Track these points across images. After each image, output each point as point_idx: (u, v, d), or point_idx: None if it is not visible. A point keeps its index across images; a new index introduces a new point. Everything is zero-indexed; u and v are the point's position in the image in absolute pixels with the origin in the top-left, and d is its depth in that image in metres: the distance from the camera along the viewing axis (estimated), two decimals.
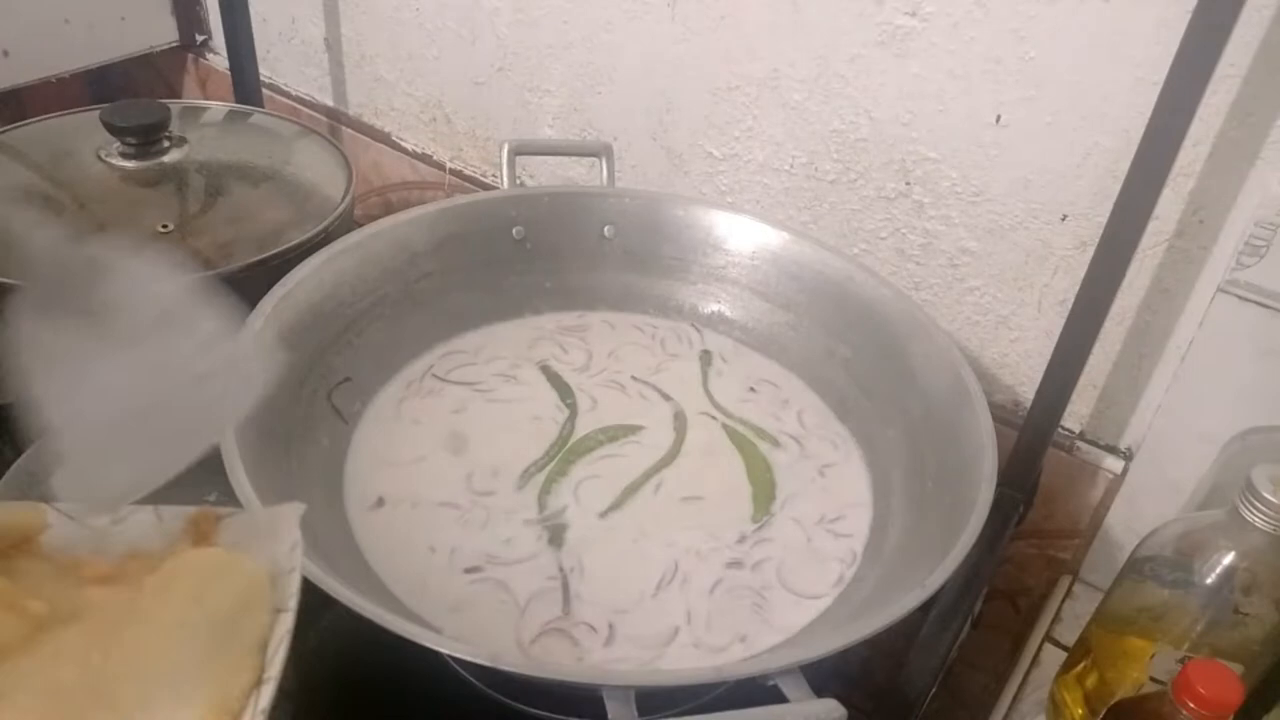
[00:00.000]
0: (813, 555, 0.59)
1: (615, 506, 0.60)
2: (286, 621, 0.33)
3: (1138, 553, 0.57)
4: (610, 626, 0.53)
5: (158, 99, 0.81)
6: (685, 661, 0.52)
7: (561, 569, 0.56)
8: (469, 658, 0.43)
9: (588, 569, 0.56)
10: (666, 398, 0.69)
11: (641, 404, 0.68)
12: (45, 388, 0.32)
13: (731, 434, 0.67)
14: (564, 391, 0.68)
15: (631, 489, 0.61)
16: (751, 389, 0.71)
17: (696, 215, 0.74)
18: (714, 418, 0.68)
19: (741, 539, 0.59)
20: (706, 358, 0.73)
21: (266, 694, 0.31)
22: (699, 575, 0.57)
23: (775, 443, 0.67)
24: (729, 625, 0.54)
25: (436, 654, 0.43)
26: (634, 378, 0.70)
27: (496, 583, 0.55)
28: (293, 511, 0.37)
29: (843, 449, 0.67)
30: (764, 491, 0.63)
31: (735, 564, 0.58)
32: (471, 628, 0.52)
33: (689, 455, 0.65)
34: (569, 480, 0.61)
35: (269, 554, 0.36)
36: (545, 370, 0.70)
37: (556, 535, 0.58)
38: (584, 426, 0.66)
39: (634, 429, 0.66)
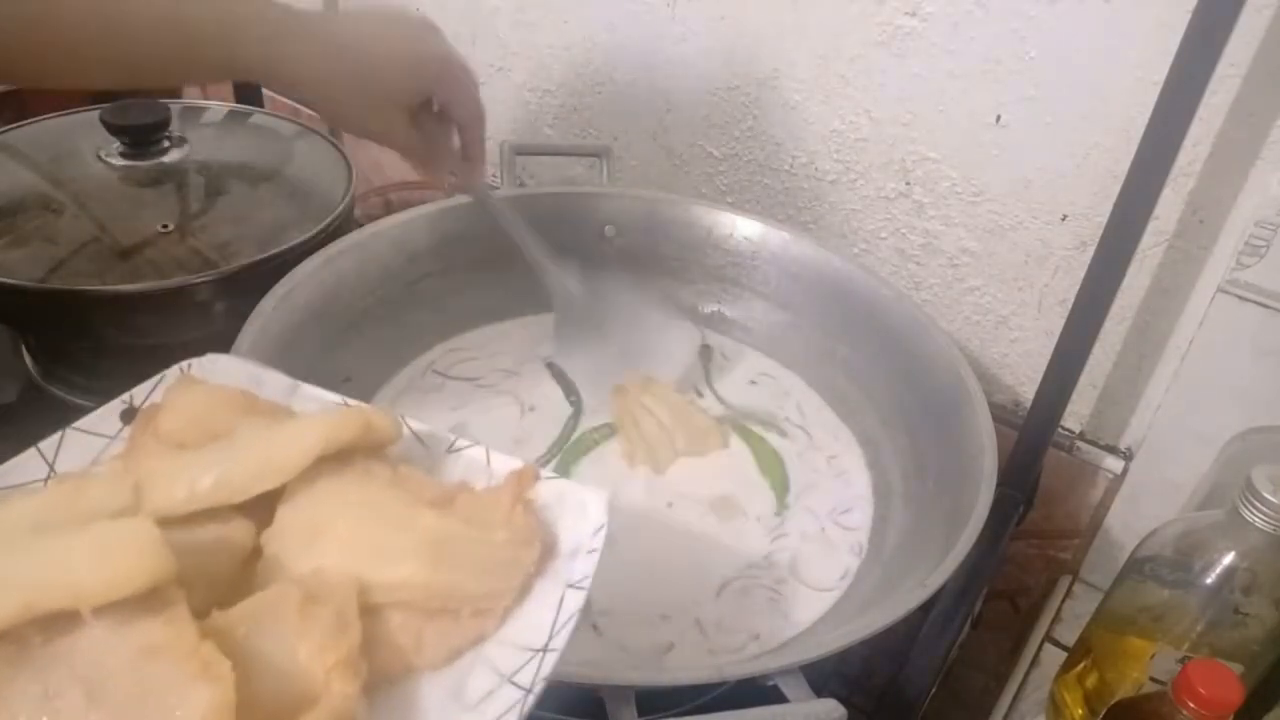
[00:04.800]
0: (826, 547, 0.60)
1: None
2: (578, 600, 0.35)
3: (1138, 553, 0.57)
4: (614, 627, 0.53)
5: (158, 99, 0.81)
6: (696, 659, 0.52)
7: None
8: None
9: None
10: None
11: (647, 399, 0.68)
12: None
13: (736, 426, 0.67)
14: (568, 389, 0.68)
15: (632, 479, 0.62)
16: (751, 382, 0.71)
17: (696, 215, 0.74)
18: (719, 413, 0.68)
19: (761, 532, 0.60)
20: (707, 353, 0.73)
21: (550, 661, 0.33)
22: (711, 570, 0.57)
23: (782, 433, 0.67)
24: (743, 620, 0.54)
25: None
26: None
27: None
28: (603, 496, 0.39)
29: (843, 447, 0.67)
30: (779, 483, 0.63)
31: (754, 558, 0.58)
32: None
33: (696, 450, 0.65)
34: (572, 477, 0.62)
35: (573, 529, 0.38)
36: (551, 367, 0.70)
37: None
38: (588, 424, 0.66)
39: (666, 433, 0.66)
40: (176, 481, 0.35)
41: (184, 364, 0.43)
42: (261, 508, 0.36)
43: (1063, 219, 0.66)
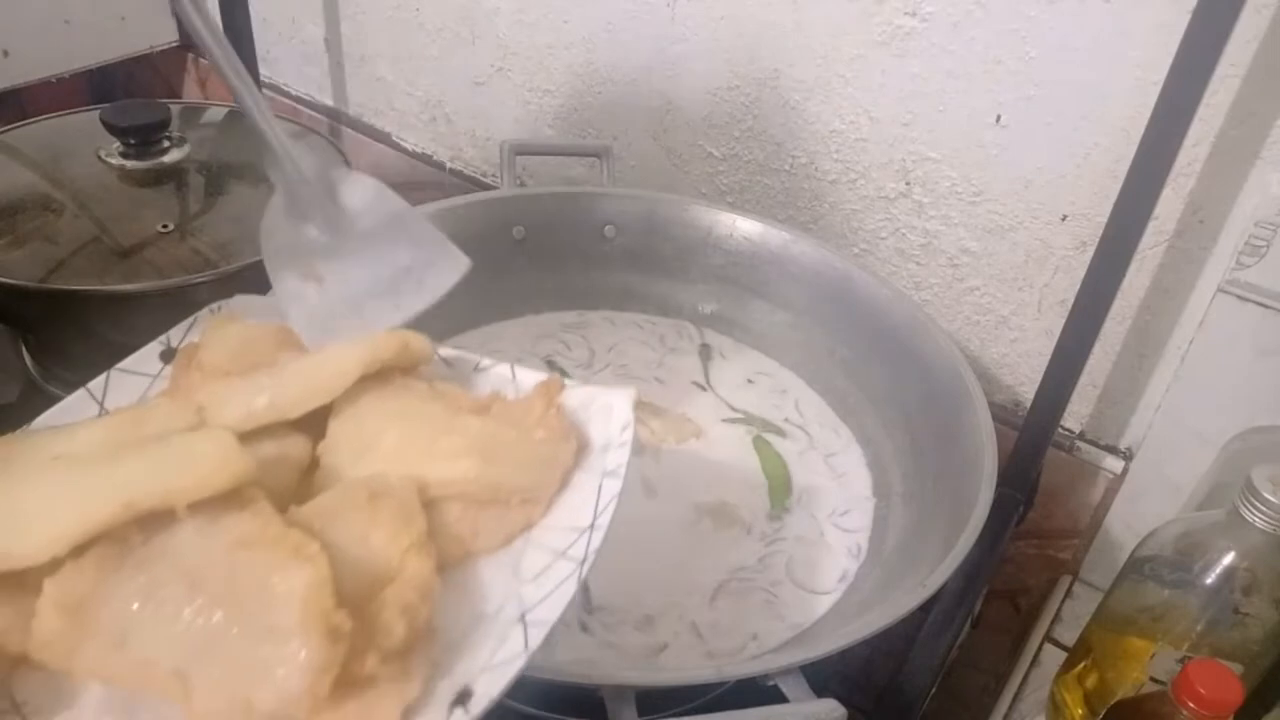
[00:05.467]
0: (824, 550, 0.60)
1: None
2: (616, 485, 0.38)
3: (1138, 553, 0.57)
4: (606, 627, 0.53)
5: (158, 99, 0.81)
6: (691, 660, 0.52)
7: None
8: None
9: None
10: (671, 391, 0.69)
11: (647, 397, 0.68)
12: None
13: (736, 424, 0.67)
14: None
15: (635, 478, 0.62)
16: (750, 381, 0.71)
17: (696, 215, 0.74)
18: (719, 411, 0.68)
19: (759, 534, 0.60)
20: (706, 351, 0.74)
21: (598, 537, 0.37)
22: (707, 572, 0.57)
23: (782, 434, 0.67)
24: (740, 623, 0.54)
25: None
26: (638, 374, 0.71)
27: None
28: (627, 395, 0.42)
29: (843, 446, 0.67)
30: (781, 486, 0.63)
31: (750, 560, 0.58)
32: None
33: (696, 449, 0.65)
34: None
35: (602, 428, 0.41)
36: (551, 365, 0.70)
37: None
38: None
39: (640, 423, 0.66)
40: (233, 402, 0.38)
41: (214, 305, 0.46)
42: (313, 425, 0.39)
43: (1063, 219, 0.66)
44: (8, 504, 0.33)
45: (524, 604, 0.36)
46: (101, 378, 0.42)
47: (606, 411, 0.42)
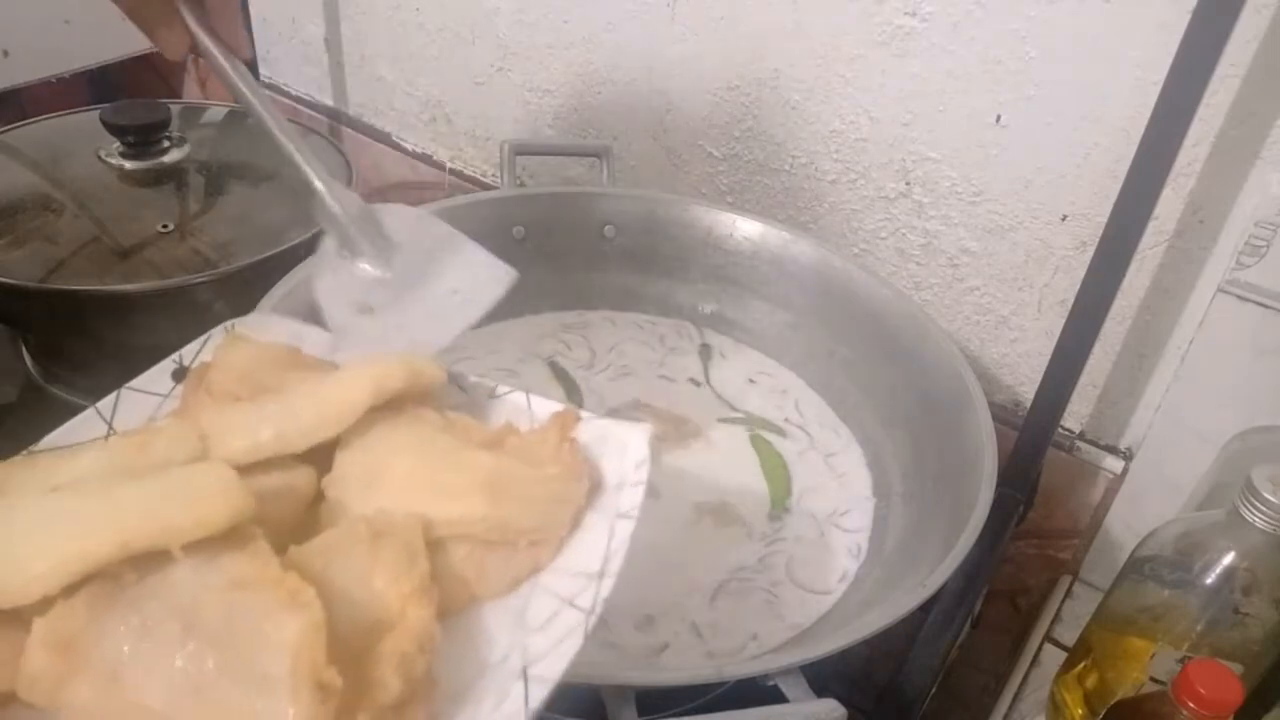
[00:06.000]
0: (824, 550, 0.60)
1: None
2: (628, 528, 0.37)
3: (1138, 553, 0.57)
4: (606, 627, 0.53)
5: (158, 99, 0.81)
6: (692, 660, 0.52)
7: None
8: None
9: None
10: (671, 391, 0.69)
11: (647, 397, 0.68)
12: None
13: (736, 424, 0.67)
14: (570, 387, 0.68)
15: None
16: (751, 381, 0.71)
17: (696, 215, 0.74)
18: (719, 411, 0.68)
19: (759, 534, 0.60)
20: (706, 351, 0.74)
21: (607, 585, 0.35)
22: (707, 572, 0.57)
23: (782, 433, 0.67)
24: (740, 623, 0.54)
25: None
26: (639, 373, 0.71)
27: None
28: (644, 432, 0.40)
29: (843, 446, 0.67)
30: (781, 486, 0.63)
31: (750, 561, 0.58)
32: None
33: (697, 449, 0.65)
34: None
35: (617, 465, 0.40)
36: (553, 366, 0.70)
37: None
38: None
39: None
40: (238, 433, 0.37)
41: (228, 323, 0.45)
42: (320, 454, 0.38)
43: (1063, 219, 0.66)
44: (3, 537, 0.32)
45: (528, 656, 0.34)
46: (111, 397, 0.41)
47: (622, 448, 0.40)
